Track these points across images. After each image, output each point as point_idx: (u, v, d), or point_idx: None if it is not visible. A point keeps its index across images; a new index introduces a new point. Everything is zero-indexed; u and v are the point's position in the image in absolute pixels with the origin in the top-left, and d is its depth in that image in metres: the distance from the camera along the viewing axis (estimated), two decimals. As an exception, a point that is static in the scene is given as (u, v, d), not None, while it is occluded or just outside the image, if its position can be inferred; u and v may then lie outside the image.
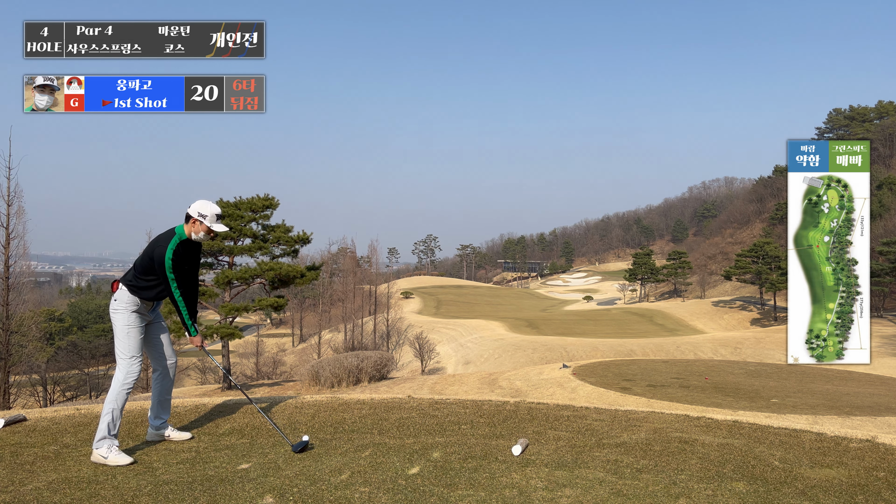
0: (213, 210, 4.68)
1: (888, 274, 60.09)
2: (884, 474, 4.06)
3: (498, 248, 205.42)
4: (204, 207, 4.67)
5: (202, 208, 4.66)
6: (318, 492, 3.56)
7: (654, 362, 21.68)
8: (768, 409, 11.62)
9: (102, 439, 4.29)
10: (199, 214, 4.65)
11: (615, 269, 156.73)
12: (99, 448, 4.26)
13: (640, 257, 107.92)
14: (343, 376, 20.66)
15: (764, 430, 5.29)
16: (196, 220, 4.66)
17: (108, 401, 4.44)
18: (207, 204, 4.69)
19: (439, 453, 4.39)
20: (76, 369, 46.68)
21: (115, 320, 4.59)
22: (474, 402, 6.40)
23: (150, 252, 4.59)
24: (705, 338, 55.98)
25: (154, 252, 4.56)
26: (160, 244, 4.60)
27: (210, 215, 4.67)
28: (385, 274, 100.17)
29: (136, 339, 4.59)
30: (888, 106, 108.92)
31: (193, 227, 4.68)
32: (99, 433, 4.32)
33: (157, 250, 4.57)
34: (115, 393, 4.46)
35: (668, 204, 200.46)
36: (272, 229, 26.32)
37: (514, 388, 17.25)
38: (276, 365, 46.27)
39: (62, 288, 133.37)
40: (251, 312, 31.66)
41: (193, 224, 4.66)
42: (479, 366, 47.45)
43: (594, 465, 4.11)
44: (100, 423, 4.36)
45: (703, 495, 3.56)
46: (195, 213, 4.66)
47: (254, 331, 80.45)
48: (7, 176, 23.77)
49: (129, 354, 4.54)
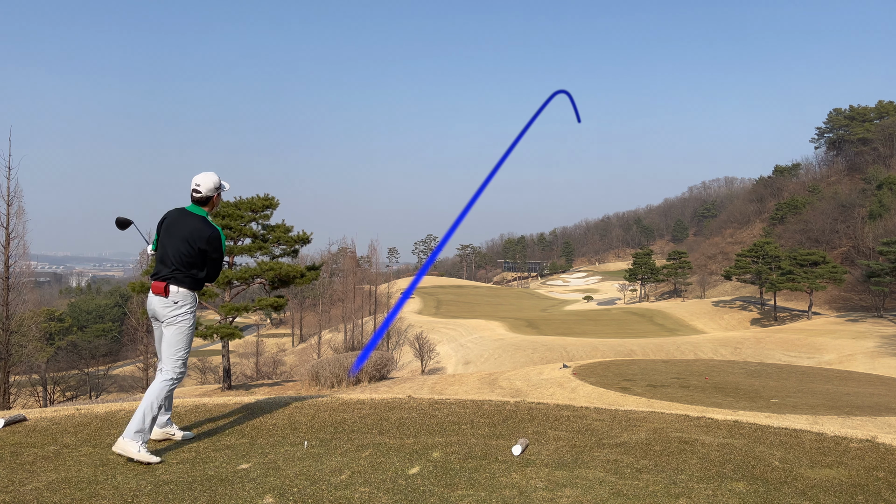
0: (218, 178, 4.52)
1: (888, 274, 60.01)
2: (884, 474, 4.06)
3: (498, 248, 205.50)
4: (215, 179, 4.48)
5: (215, 180, 4.47)
6: (318, 492, 3.56)
7: (654, 362, 21.68)
8: (768, 409, 11.62)
9: (138, 432, 4.10)
10: (216, 188, 4.47)
11: (615, 269, 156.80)
12: (133, 440, 4.06)
13: (640, 257, 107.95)
14: (343, 376, 20.65)
15: (764, 430, 5.29)
16: (218, 195, 4.52)
17: (152, 396, 4.24)
18: (211, 175, 4.48)
19: (439, 453, 4.38)
20: (76, 369, 46.69)
21: (179, 322, 4.36)
22: (474, 402, 6.40)
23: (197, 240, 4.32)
24: (705, 338, 55.97)
25: (208, 238, 4.34)
26: (204, 229, 4.37)
27: (222, 184, 4.52)
28: (385, 274, 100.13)
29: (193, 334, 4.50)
30: (888, 106, 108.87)
31: (214, 202, 4.53)
32: (135, 424, 4.11)
33: (211, 235, 4.36)
34: (161, 390, 4.29)
35: (668, 204, 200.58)
36: (272, 229, 26.31)
37: (514, 388, 17.25)
38: (276, 365, 46.30)
39: (62, 288, 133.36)
40: (251, 312, 31.63)
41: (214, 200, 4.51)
42: (479, 366, 47.44)
43: (594, 465, 4.11)
44: (136, 414, 4.16)
45: (703, 495, 3.56)
46: (213, 187, 4.46)
47: (254, 331, 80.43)
48: (7, 176, 23.80)
49: (187, 353, 4.44)
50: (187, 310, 4.40)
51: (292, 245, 26.49)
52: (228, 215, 24.95)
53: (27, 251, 26.89)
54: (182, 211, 4.50)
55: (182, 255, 4.34)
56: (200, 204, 4.47)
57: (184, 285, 4.37)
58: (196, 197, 4.47)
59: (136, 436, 4.09)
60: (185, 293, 4.37)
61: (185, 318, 4.39)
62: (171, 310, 4.35)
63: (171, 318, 4.37)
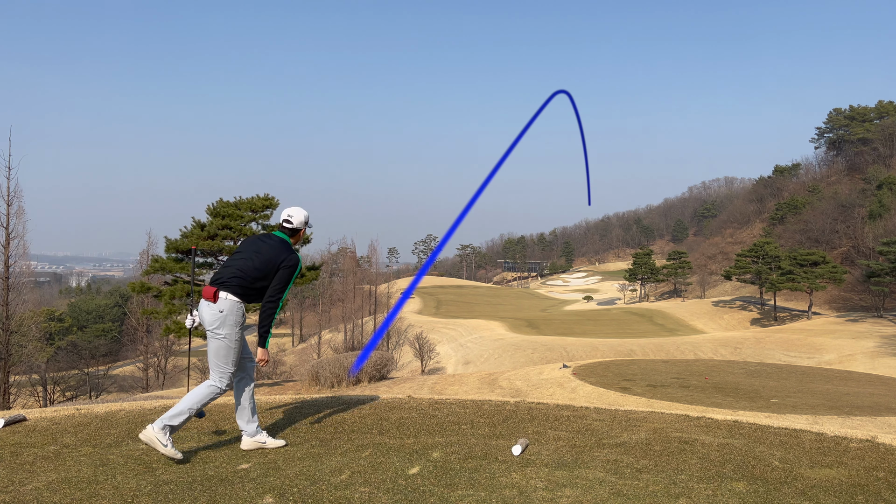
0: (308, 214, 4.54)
1: (888, 274, 59.98)
2: (884, 474, 4.06)
3: (498, 248, 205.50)
4: (306, 214, 4.51)
5: (306, 215, 4.51)
6: (318, 492, 3.56)
7: (654, 362, 21.67)
8: (768, 409, 11.61)
9: (166, 427, 4.01)
10: (306, 222, 4.51)
11: (615, 269, 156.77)
12: (163, 431, 3.98)
13: (640, 257, 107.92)
14: (343, 376, 20.64)
15: (764, 430, 5.29)
16: (304, 229, 4.53)
17: (194, 399, 4.14)
18: (303, 210, 4.51)
19: (439, 453, 4.38)
20: (76, 369, 46.65)
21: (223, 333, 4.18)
22: (474, 402, 6.40)
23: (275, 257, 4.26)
24: (705, 338, 55.95)
25: (286, 257, 4.28)
26: (286, 250, 4.33)
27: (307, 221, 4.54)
28: (385, 274, 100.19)
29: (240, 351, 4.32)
30: (888, 106, 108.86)
31: (300, 236, 4.55)
32: (170, 418, 4.03)
33: (290, 256, 4.29)
34: (205, 396, 4.19)
35: (668, 204, 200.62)
36: (272, 229, 26.33)
37: (514, 388, 17.25)
38: (275, 365, 46.22)
39: (62, 288, 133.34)
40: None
41: (301, 233, 4.53)
42: (479, 366, 47.43)
43: (594, 465, 4.11)
44: (175, 408, 4.09)
45: (703, 495, 3.55)
46: (303, 221, 4.50)
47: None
48: (7, 176, 23.82)
49: (234, 365, 4.27)
50: (233, 322, 4.20)
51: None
52: (228, 215, 24.98)
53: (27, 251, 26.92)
54: (268, 234, 4.50)
55: (250, 267, 4.25)
56: (289, 234, 4.48)
57: (240, 294, 4.20)
58: (286, 227, 4.49)
59: (167, 429, 4.01)
60: (234, 303, 4.19)
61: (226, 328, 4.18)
62: (217, 318, 4.18)
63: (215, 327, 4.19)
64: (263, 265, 4.25)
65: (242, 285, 4.22)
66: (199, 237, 24.45)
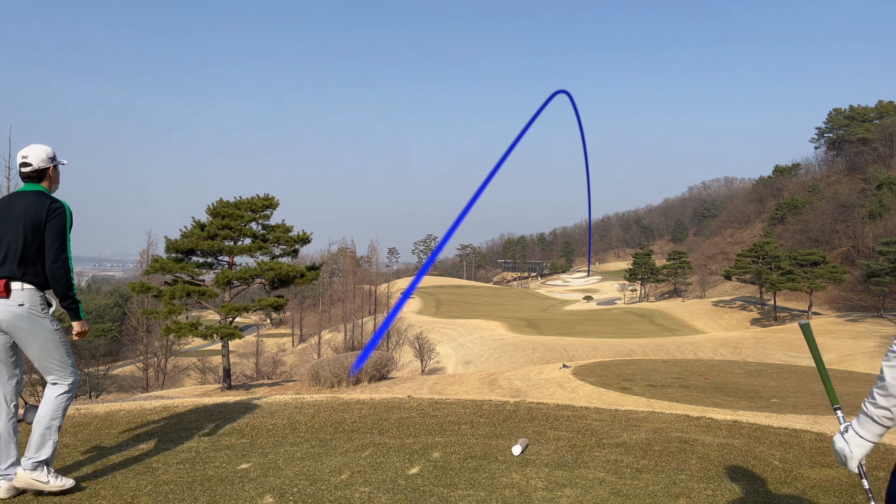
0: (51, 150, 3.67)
1: (888, 274, 60.00)
2: (884, 474, 4.06)
3: (498, 248, 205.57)
4: (44, 150, 3.61)
5: (44, 152, 3.59)
6: (318, 492, 3.56)
7: (654, 362, 21.67)
8: (768, 409, 11.61)
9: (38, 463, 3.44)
10: (50, 159, 3.62)
11: (615, 269, 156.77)
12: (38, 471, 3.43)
13: (640, 257, 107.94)
14: (343, 376, 20.64)
15: (764, 430, 5.29)
16: (55, 166, 3.68)
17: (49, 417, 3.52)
18: (39, 146, 3.61)
19: (439, 453, 4.38)
20: (76, 369, 46.57)
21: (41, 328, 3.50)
22: (474, 402, 6.40)
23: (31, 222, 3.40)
24: (705, 338, 55.96)
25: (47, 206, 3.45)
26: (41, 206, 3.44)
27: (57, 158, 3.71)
28: (385, 274, 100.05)
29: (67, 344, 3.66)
30: (888, 106, 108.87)
31: (54, 176, 3.70)
32: (35, 454, 3.43)
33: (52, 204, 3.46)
34: (60, 405, 3.60)
35: (668, 204, 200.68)
36: (272, 229, 26.31)
37: (514, 388, 17.25)
38: (275, 365, 46.26)
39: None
40: (251, 312, 31.64)
41: (50, 173, 3.64)
42: (479, 366, 47.43)
43: (594, 465, 4.11)
44: (35, 440, 3.46)
45: (703, 495, 3.56)
46: (44, 158, 3.58)
47: (254, 331, 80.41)
48: (7, 176, 23.79)
49: (69, 353, 3.67)
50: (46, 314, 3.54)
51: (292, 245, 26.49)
52: (228, 215, 24.98)
53: (27, 251, 26.83)
54: (14, 194, 3.61)
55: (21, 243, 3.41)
56: (32, 180, 3.57)
57: (36, 284, 3.48)
58: (25, 172, 3.55)
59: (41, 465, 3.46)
60: (34, 294, 3.46)
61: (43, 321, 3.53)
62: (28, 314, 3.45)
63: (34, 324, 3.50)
64: (29, 229, 3.41)
65: (37, 270, 3.47)
66: (199, 237, 24.45)
